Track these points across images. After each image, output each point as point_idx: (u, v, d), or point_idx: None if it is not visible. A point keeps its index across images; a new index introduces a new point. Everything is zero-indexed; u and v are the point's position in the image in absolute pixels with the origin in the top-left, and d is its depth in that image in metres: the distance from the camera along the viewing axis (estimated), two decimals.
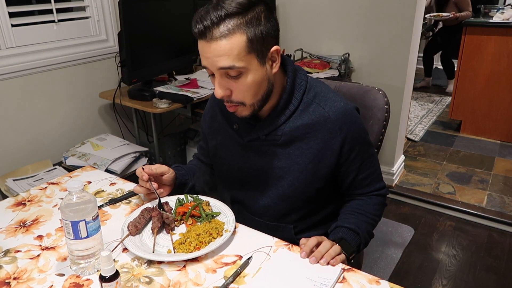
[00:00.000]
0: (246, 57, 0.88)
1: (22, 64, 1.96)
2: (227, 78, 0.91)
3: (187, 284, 0.83)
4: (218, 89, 0.92)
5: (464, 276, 1.91)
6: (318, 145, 1.00)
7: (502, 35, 3.05)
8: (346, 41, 2.50)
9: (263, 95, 0.96)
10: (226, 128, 1.11)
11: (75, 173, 1.32)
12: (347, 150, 1.01)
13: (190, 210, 1.02)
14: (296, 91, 1.01)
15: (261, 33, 0.88)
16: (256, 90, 0.93)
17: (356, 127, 1.02)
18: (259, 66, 0.91)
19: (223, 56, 0.87)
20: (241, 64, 0.88)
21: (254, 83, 0.92)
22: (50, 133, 2.16)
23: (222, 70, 0.89)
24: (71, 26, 2.16)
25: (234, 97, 0.94)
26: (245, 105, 0.95)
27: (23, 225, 1.03)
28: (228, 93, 0.93)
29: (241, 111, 0.97)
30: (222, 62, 0.87)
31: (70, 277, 0.85)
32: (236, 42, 0.86)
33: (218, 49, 0.86)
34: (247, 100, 0.94)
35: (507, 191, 2.57)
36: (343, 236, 0.98)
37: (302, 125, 1.00)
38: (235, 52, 0.86)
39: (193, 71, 2.56)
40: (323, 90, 1.03)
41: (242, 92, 0.92)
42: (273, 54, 0.93)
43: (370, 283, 0.82)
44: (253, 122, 1.04)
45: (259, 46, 0.89)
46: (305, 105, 1.01)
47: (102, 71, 2.32)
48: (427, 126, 3.63)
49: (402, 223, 2.30)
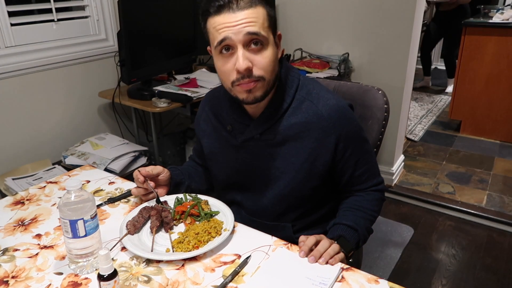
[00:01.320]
0: (267, 30, 0.93)
1: (22, 63, 1.96)
2: (248, 51, 0.92)
3: (186, 283, 0.82)
4: (243, 61, 0.90)
5: (464, 276, 1.91)
6: (313, 144, 1.00)
7: (502, 35, 3.05)
8: (346, 41, 2.50)
9: (276, 76, 0.98)
10: (219, 130, 1.11)
11: (74, 172, 1.32)
12: (342, 148, 1.01)
13: (189, 209, 1.02)
14: (288, 88, 1.01)
15: (274, 14, 0.96)
16: (273, 67, 0.96)
17: (350, 124, 1.01)
18: (273, 44, 0.95)
19: (251, 23, 0.90)
20: (264, 34, 0.91)
21: (272, 59, 0.94)
22: (50, 132, 2.15)
23: (248, 38, 0.90)
24: (71, 26, 2.16)
25: (255, 71, 0.93)
26: (264, 80, 0.94)
27: (21, 224, 1.03)
28: (250, 66, 0.92)
29: (259, 88, 0.95)
30: (251, 28, 0.90)
31: (68, 276, 0.85)
32: (261, 12, 0.91)
33: (246, 17, 0.90)
34: (267, 74, 0.94)
35: (507, 191, 2.56)
36: (342, 233, 0.98)
37: (296, 124, 1.00)
38: (261, 21, 0.91)
39: (193, 70, 2.56)
40: (315, 87, 1.03)
41: (264, 65, 0.93)
42: (277, 39, 0.98)
43: (369, 282, 0.82)
44: (247, 122, 1.04)
45: (273, 25, 0.95)
46: (298, 102, 1.01)
47: (101, 70, 2.32)
48: (427, 126, 3.63)
49: (401, 223, 2.30)
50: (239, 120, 1.05)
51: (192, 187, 1.20)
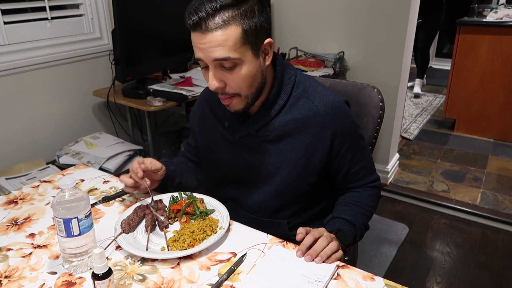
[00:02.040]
0: (241, 49, 0.88)
1: (15, 62, 1.94)
2: (221, 70, 0.91)
3: (181, 281, 0.82)
4: (212, 81, 0.91)
5: (458, 274, 1.92)
6: (309, 140, 1.00)
7: (495, 34, 3.06)
8: (341, 40, 2.50)
9: (257, 88, 0.96)
10: (216, 126, 1.11)
11: (68, 171, 1.31)
12: (338, 144, 1.01)
13: (184, 208, 1.02)
14: (285, 85, 1.01)
15: (255, 25, 0.89)
16: (250, 82, 0.93)
17: (346, 120, 1.02)
18: (253, 58, 0.91)
19: (219, 47, 0.87)
20: (236, 56, 0.88)
21: (248, 75, 0.92)
22: (43, 131, 2.14)
23: (216, 62, 0.89)
24: (65, 24, 2.14)
25: (228, 89, 0.94)
26: (240, 97, 0.95)
27: (15, 223, 1.02)
28: (222, 85, 0.93)
29: (236, 103, 0.97)
30: (217, 53, 0.87)
31: (62, 275, 0.84)
32: (232, 33, 0.86)
33: (214, 40, 0.86)
34: (243, 91, 0.94)
35: (501, 189, 2.58)
36: (340, 227, 0.98)
37: (292, 120, 1.00)
38: (231, 43, 0.87)
39: (188, 69, 2.55)
40: (312, 84, 1.03)
41: (237, 84, 0.92)
42: (266, 47, 0.94)
43: (365, 279, 0.82)
44: (243, 119, 1.04)
45: (254, 38, 0.90)
46: (294, 99, 1.01)
47: (96, 69, 2.30)
48: (422, 124, 3.64)
49: (396, 221, 2.31)
50: (235, 117, 1.05)
51: (182, 184, 1.19)
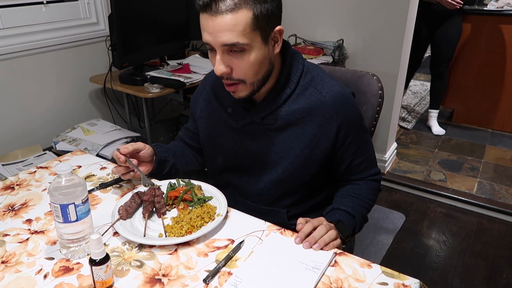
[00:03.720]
0: (251, 34, 0.86)
1: (10, 47, 1.91)
2: (229, 55, 0.89)
3: (179, 267, 0.82)
4: (219, 66, 0.89)
5: (454, 262, 1.94)
6: (314, 130, 0.99)
7: (496, 23, 3.04)
8: (341, 27, 2.48)
9: (263, 75, 0.94)
10: (219, 112, 1.09)
11: (65, 157, 1.30)
12: (343, 135, 1.00)
13: (182, 195, 1.01)
14: (293, 74, 0.99)
15: (267, 10, 0.86)
16: (257, 69, 0.91)
17: (352, 112, 1.01)
18: (262, 45, 0.89)
19: (228, 31, 0.84)
20: (245, 41, 0.86)
21: (256, 62, 0.90)
22: (40, 118, 2.12)
23: (225, 47, 0.87)
24: (60, 8, 2.11)
25: (234, 75, 0.92)
26: (245, 84, 0.93)
27: (11, 209, 1.02)
28: (228, 70, 0.91)
29: (240, 90, 0.95)
30: (226, 38, 0.85)
31: (60, 261, 0.84)
32: (242, 17, 0.84)
33: (223, 23, 0.84)
34: (248, 78, 0.92)
35: (497, 179, 2.59)
36: (340, 218, 0.98)
37: (298, 109, 0.99)
38: (240, 28, 0.84)
39: (186, 56, 2.52)
40: (320, 74, 1.02)
41: (243, 70, 0.90)
42: (276, 34, 0.92)
43: (362, 266, 0.83)
44: (248, 106, 1.02)
45: (264, 24, 0.87)
46: (301, 88, 1.00)
47: (92, 55, 2.28)
48: (420, 114, 3.64)
49: (393, 210, 2.32)
50: (240, 103, 1.03)
51: (177, 166, 1.17)
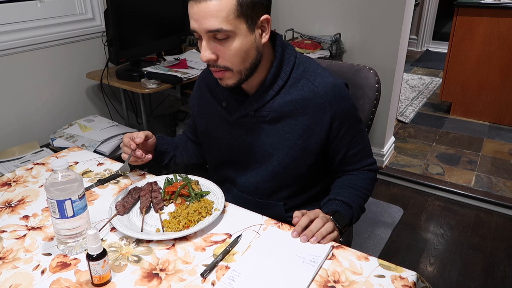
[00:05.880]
0: (235, 21, 0.87)
1: (5, 43, 1.90)
2: (214, 41, 0.89)
3: (176, 262, 0.82)
4: (204, 52, 0.90)
5: (451, 255, 1.95)
6: (308, 121, 0.99)
7: (493, 16, 3.03)
8: (338, 21, 2.47)
9: (251, 64, 0.94)
10: (214, 106, 1.10)
11: (61, 154, 1.30)
12: (336, 126, 1.00)
13: (179, 190, 1.01)
14: (284, 66, 0.99)
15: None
16: (243, 57, 0.91)
17: (345, 102, 1.01)
18: (247, 32, 0.89)
19: (211, 17, 0.85)
20: (229, 28, 0.86)
21: (241, 49, 0.90)
22: (37, 114, 2.11)
23: (210, 33, 0.88)
24: (56, 4, 2.09)
25: (220, 62, 0.92)
26: (232, 71, 0.93)
27: (8, 206, 1.02)
28: (214, 57, 0.91)
29: (228, 78, 0.95)
30: (210, 24, 0.86)
31: (57, 257, 0.84)
32: (226, 3, 0.85)
33: (207, 9, 0.84)
34: (234, 66, 0.92)
35: (495, 172, 2.60)
36: (337, 208, 0.98)
37: (291, 101, 0.99)
38: (224, 14, 0.85)
39: (183, 51, 2.51)
40: (312, 65, 1.02)
41: (229, 57, 0.91)
42: (263, 23, 0.92)
43: (359, 259, 0.83)
44: (242, 99, 1.03)
45: (249, 12, 0.88)
46: (294, 80, 1.00)
47: (88, 50, 2.26)
48: (418, 108, 3.64)
49: (391, 204, 2.33)
50: (233, 96, 1.03)
51: (177, 158, 1.18)
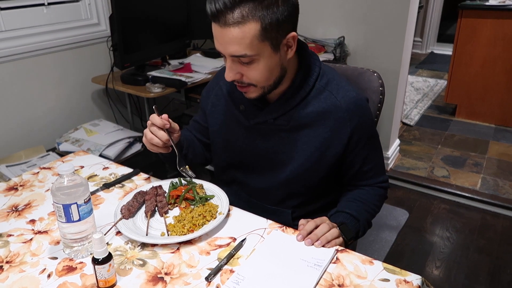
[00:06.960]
0: (259, 45, 0.86)
1: (12, 49, 1.92)
2: (238, 63, 0.90)
3: (181, 266, 0.83)
4: (229, 73, 0.91)
5: (457, 258, 1.94)
6: (327, 134, 0.99)
7: (498, 18, 3.02)
8: (342, 24, 2.47)
9: (275, 80, 0.94)
10: (231, 108, 1.09)
11: (67, 158, 1.31)
12: (355, 141, 1.00)
13: (184, 193, 1.02)
14: (309, 76, 0.99)
15: (277, 20, 0.85)
16: (268, 76, 0.92)
17: (366, 119, 1.01)
18: (272, 53, 0.89)
19: (235, 44, 0.85)
20: (253, 53, 0.86)
21: (266, 69, 0.90)
22: (43, 119, 2.13)
23: (234, 57, 0.88)
24: (62, 10, 2.12)
25: (245, 79, 0.93)
26: (256, 87, 0.94)
27: (15, 210, 1.03)
28: (238, 76, 0.92)
29: (251, 92, 0.95)
30: (233, 49, 0.86)
31: (63, 260, 0.85)
32: (249, 30, 0.83)
33: (230, 36, 0.84)
34: (259, 83, 0.93)
35: (501, 174, 2.58)
36: (344, 220, 0.98)
37: (312, 112, 0.99)
38: (247, 41, 0.84)
39: (187, 55, 2.53)
40: (335, 78, 1.02)
41: (253, 77, 0.91)
42: (289, 40, 0.90)
43: (364, 263, 0.83)
44: (261, 105, 1.02)
45: (274, 34, 0.86)
46: (316, 92, 0.99)
47: (94, 55, 2.28)
48: (423, 110, 3.63)
49: (396, 207, 2.32)
50: (252, 101, 1.02)
51: (187, 158, 1.15)
